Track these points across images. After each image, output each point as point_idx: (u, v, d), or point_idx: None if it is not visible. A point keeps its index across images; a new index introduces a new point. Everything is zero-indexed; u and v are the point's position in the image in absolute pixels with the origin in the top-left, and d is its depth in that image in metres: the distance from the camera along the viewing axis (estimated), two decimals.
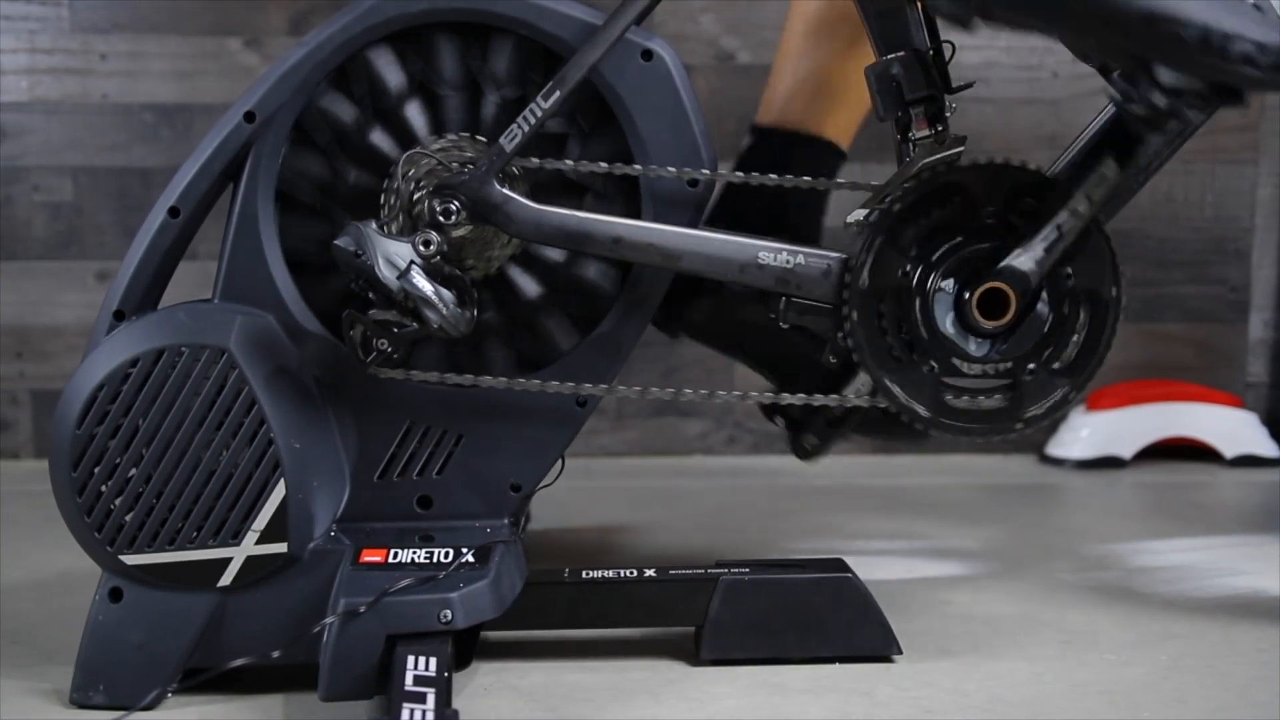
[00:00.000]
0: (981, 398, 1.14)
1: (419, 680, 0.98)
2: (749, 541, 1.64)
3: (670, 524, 1.74)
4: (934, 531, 1.70)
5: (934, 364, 1.13)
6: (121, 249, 2.09)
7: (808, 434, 1.33)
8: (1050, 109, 2.13)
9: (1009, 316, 1.12)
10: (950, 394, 1.14)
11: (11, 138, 2.08)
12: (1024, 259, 1.11)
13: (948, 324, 1.12)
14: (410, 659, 1.02)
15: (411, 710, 0.93)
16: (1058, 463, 2.08)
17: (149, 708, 1.11)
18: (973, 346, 1.13)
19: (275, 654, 1.08)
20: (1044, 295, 1.13)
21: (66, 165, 2.09)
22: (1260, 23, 1.00)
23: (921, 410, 1.14)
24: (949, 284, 1.13)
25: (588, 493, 1.86)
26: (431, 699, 0.95)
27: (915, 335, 1.14)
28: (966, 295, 1.12)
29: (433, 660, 1.02)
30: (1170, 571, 1.51)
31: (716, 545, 1.63)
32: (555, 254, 1.18)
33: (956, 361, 1.12)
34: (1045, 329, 1.13)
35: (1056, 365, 1.13)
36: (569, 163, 1.14)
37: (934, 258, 1.13)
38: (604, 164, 1.14)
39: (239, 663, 1.06)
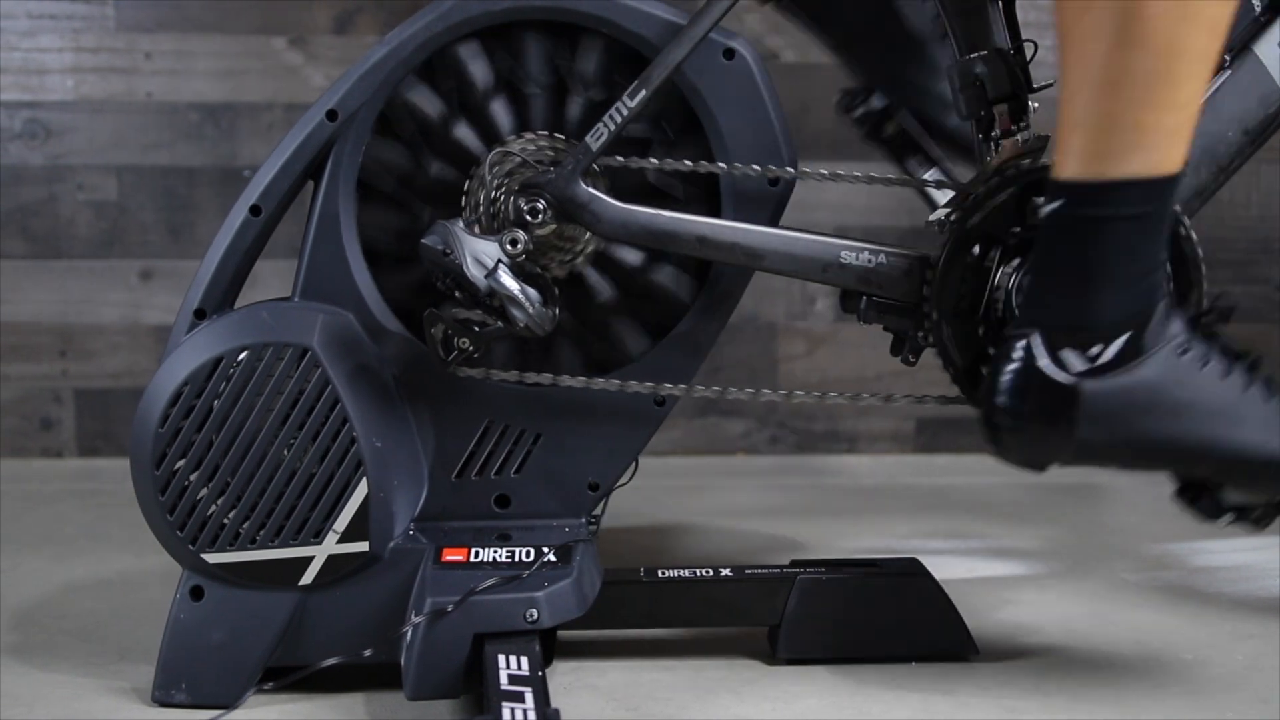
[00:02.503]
0: None
1: (514, 679, 0.98)
2: (804, 542, 1.64)
3: (722, 524, 1.74)
4: (988, 531, 1.70)
5: None
6: (165, 248, 2.11)
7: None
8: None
9: None
10: None
11: (56, 136, 2.08)
12: None
13: None
14: (501, 658, 1.02)
15: (512, 709, 0.93)
16: None
17: (230, 706, 1.10)
18: None
19: (367, 653, 1.08)
20: None
21: (111, 164, 2.09)
22: None
23: None
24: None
25: (632, 491, 1.85)
26: (530, 698, 0.95)
27: (997, 335, 1.13)
28: None
29: (524, 659, 1.02)
30: (1232, 571, 1.50)
31: (771, 545, 1.63)
32: (632, 257, 1.18)
33: None
34: None
35: None
36: (654, 162, 1.13)
37: (1016, 257, 1.12)
38: (688, 162, 1.13)
39: (331, 662, 1.06)
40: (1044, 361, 0.99)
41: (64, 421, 2.13)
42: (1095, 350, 0.99)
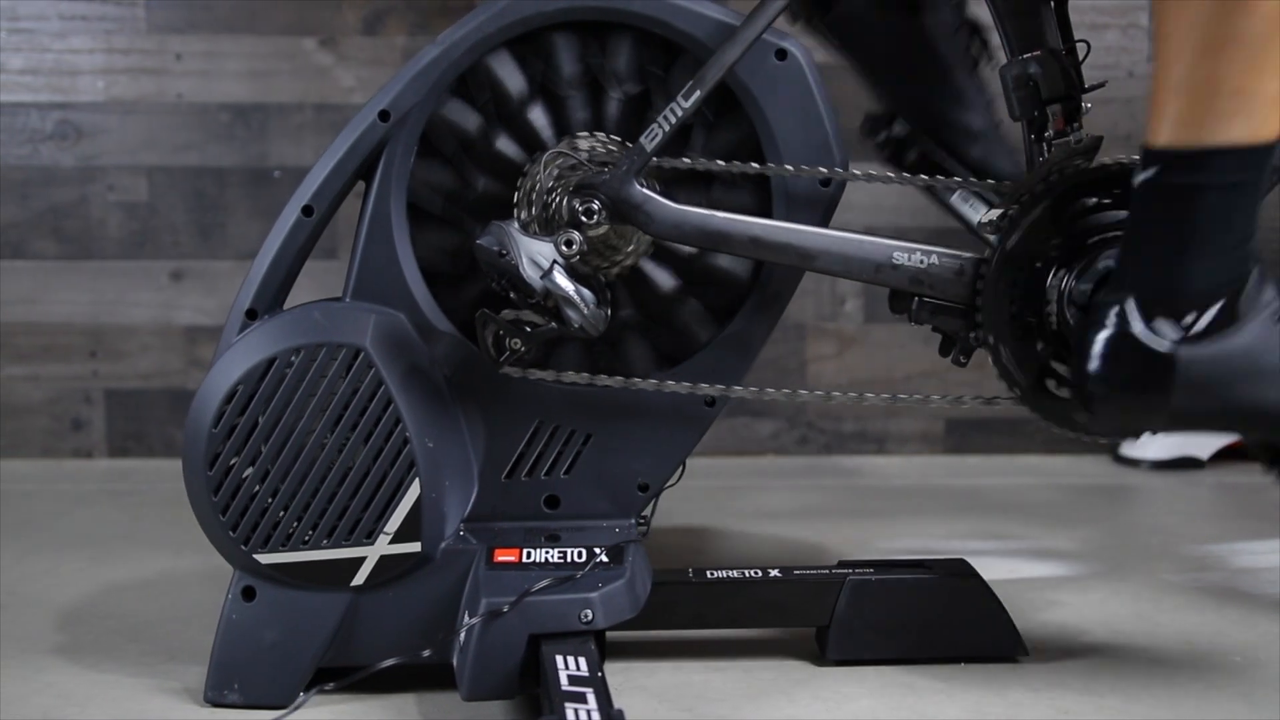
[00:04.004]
0: None
1: (574, 680, 0.98)
2: (840, 543, 1.64)
3: (757, 525, 1.74)
4: (1025, 532, 1.70)
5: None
6: (196, 248, 2.11)
7: None
8: (1125, 108, 2.13)
9: None
10: None
11: (87, 137, 2.08)
12: None
13: None
14: (559, 659, 1.02)
15: (575, 710, 0.93)
16: (1133, 463, 2.07)
17: (291, 707, 1.10)
18: None
19: (426, 653, 1.08)
20: None
21: (141, 165, 2.10)
22: None
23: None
24: (1085, 284, 1.12)
25: (665, 492, 1.85)
26: (592, 698, 0.95)
27: (1049, 337, 1.13)
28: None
29: (582, 660, 1.02)
30: (1274, 573, 1.50)
31: (808, 547, 1.63)
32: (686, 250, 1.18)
33: None
34: None
35: None
36: (718, 163, 1.13)
37: (1069, 257, 1.12)
38: (751, 164, 1.13)
39: (390, 662, 1.06)
40: (1139, 328, 0.98)
41: (94, 422, 2.13)
42: (1190, 318, 0.98)
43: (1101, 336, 1.00)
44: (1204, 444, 2.06)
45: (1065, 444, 1.99)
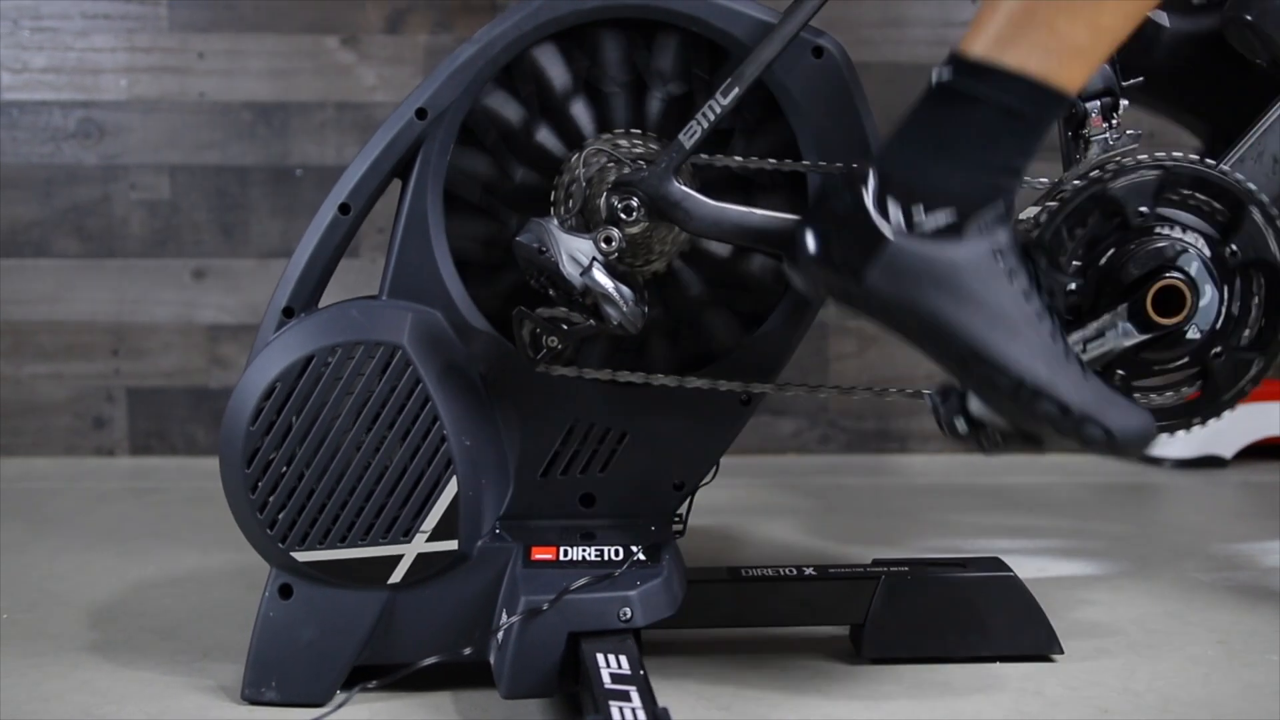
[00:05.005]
0: (1177, 390, 1.13)
1: (616, 678, 0.98)
2: (868, 541, 1.64)
3: (782, 523, 1.74)
4: (1052, 530, 1.70)
5: (1122, 372, 1.12)
6: (218, 247, 2.11)
7: None
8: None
9: (1182, 316, 1.11)
10: (1142, 395, 1.13)
11: (110, 136, 2.09)
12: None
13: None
14: (600, 657, 1.02)
15: (620, 708, 0.93)
16: (1157, 462, 2.07)
17: (335, 705, 1.11)
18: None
19: (466, 651, 1.08)
20: (1211, 279, 1.12)
21: (164, 163, 2.10)
22: (1079, 387, 1.01)
23: None
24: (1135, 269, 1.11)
25: None
26: (636, 696, 0.95)
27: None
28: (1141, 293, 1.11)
29: (623, 658, 1.02)
30: None
31: (836, 545, 1.63)
32: (720, 249, 1.18)
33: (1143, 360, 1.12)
34: (1222, 310, 1.12)
35: (1244, 341, 1.12)
36: (763, 161, 1.13)
37: (1109, 255, 1.12)
38: (789, 161, 1.13)
39: (431, 660, 1.06)
40: (870, 200, 1.00)
41: (116, 420, 2.13)
42: (917, 211, 0.99)
43: (835, 198, 1.01)
44: (1228, 443, 2.06)
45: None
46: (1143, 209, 1.10)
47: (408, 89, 2.10)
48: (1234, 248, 1.11)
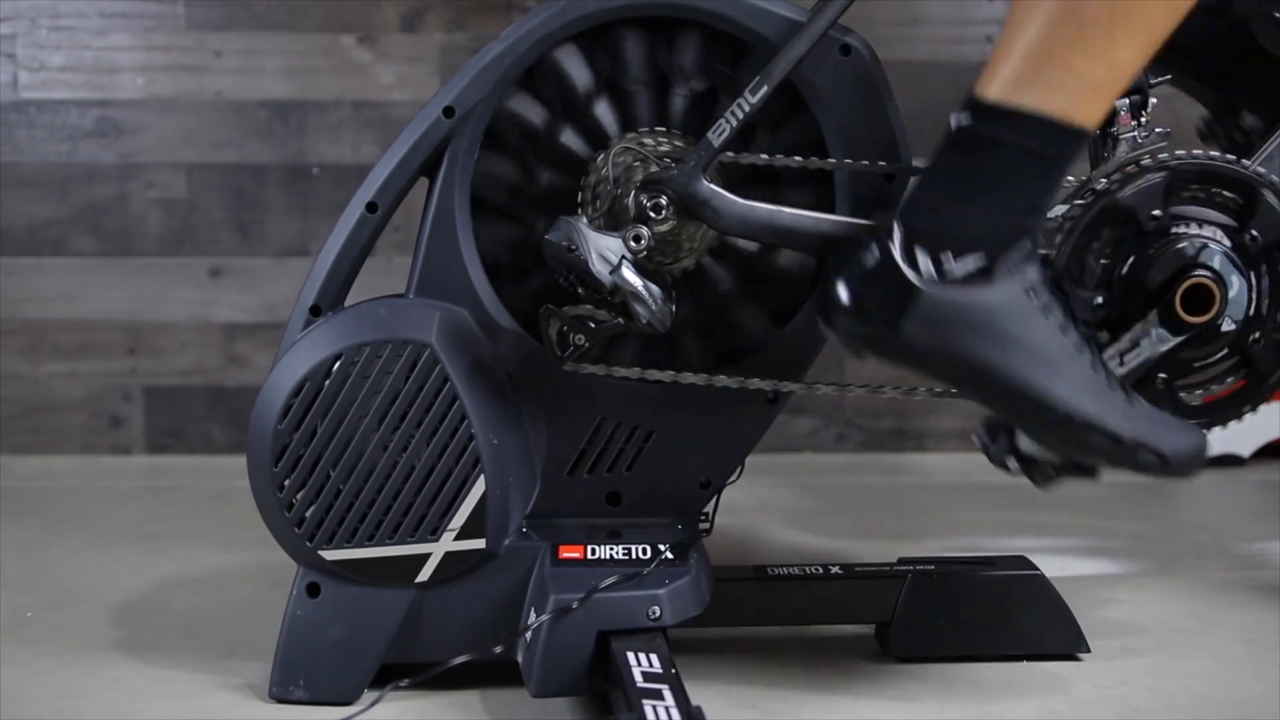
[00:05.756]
0: (1221, 382, 1.13)
1: (648, 677, 0.98)
2: (888, 540, 1.64)
3: (801, 522, 1.74)
4: (1072, 528, 1.69)
5: (1163, 375, 1.12)
6: (234, 246, 2.11)
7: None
8: (1164, 104, 2.12)
9: (1213, 312, 1.11)
10: (1185, 393, 1.13)
11: (127, 134, 2.09)
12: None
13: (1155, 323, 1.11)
14: (631, 655, 1.02)
15: (654, 707, 0.93)
16: None
17: (342, 702, 1.10)
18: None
19: (498, 649, 1.08)
20: (1237, 269, 1.11)
21: (180, 162, 2.10)
22: (1127, 415, 1.01)
23: None
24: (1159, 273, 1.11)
25: None
26: (669, 695, 0.95)
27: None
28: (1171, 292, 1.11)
29: (654, 656, 1.02)
30: None
31: (858, 544, 1.62)
32: (750, 244, 1.18)
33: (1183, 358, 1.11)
34: (1252, 297, 1.11)
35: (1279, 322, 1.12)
36: (789, 159, 1.13)
37: (1130, 264, 1.12)
38: (815, 159, 1.13)
39: (463, 659, 1.06)
40: (898, 251, 1.00)
41: (133, 419, 2.13)
42: (946, 259, 0.99)
43: (863, 251, 1.01)
44: (1245, 441, 2.05)
45: None
46: (1155, 212, 1.10)
47: (424, 87, 2.12)
48: (1253, 233, 1.11)
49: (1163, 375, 1.11)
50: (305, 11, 2.09)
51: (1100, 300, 1.10)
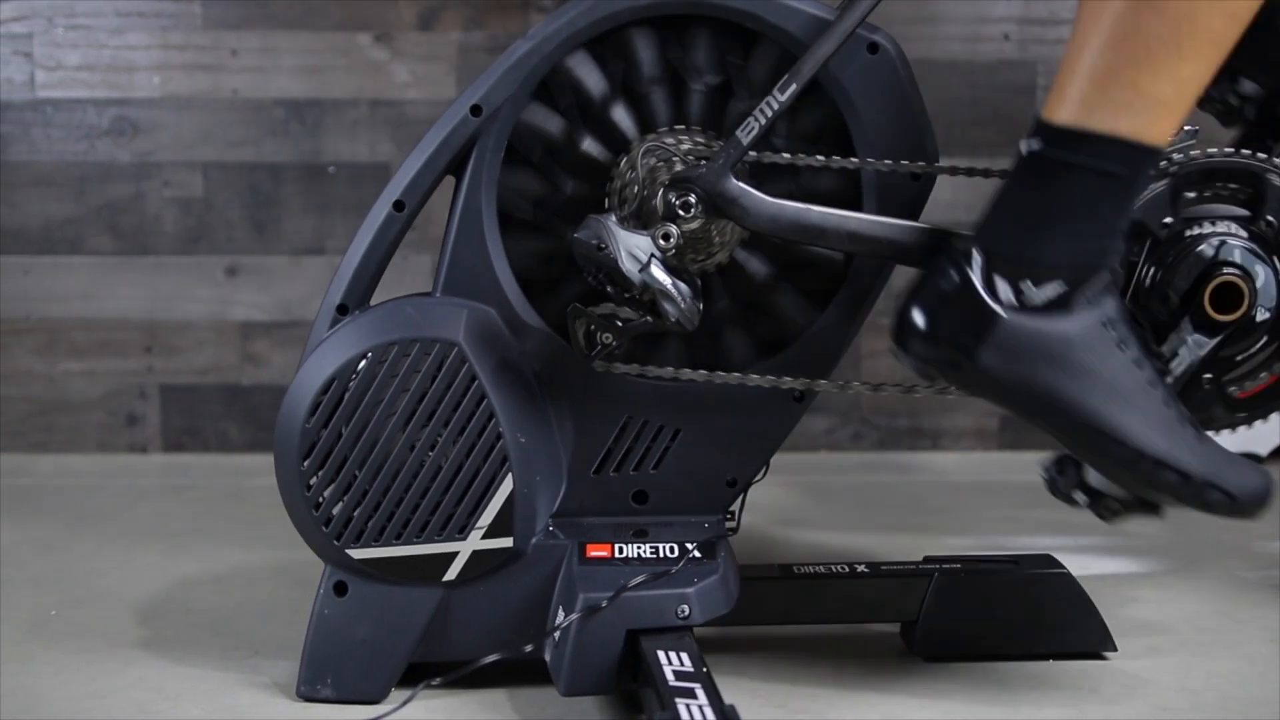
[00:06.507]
0: (1267, 370, 1.13)
1: (680, 675, 0.98)
2: (909, 539, 1.63)
3: (822, 520, 1.74)
4: (1092, 527, 1.66)
5: (1208, 375, 1.12)
6: (251, 244, 2.11)
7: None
8: None
9: (1245, 306, 1.11)
10: (1235, 387, 1.13)
11: (143, 133, 2.09)
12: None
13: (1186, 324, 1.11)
14: (661, 654, 1.02)
15: (688, 706, 0.93)
16: None
17: (369, 701, 1.10)
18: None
19: (528, 648, 1.08)
20: (1259, 259, 1.11)
21: (197, 161, 2.10)
22: (1196, 453, 1.01)
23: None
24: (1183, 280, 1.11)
25: None
26: (702, 694, 0.95)
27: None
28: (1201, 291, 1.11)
29: (684, 655, 1.02)
30: None
31: (879, 542, 1.62)
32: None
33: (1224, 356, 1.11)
34: None
35: None
36: (813, 158, 1.12)
37: (1152, 276, 1.12)
38: (837, 157, 1.13)
39: (493, 658, 1.06)
40: (977, 278, 0.99)
41: (149, 417, 2.13)
42: (1026, 287, 0.99)
43: (941, 275, 1.01)
44: (1263, 440, 2.05)
45: None
46: (1166, 220, 1.10)
47: (441, 86, 2.12)
48: (1268, 219, 1.11)
49: (1208, 375, 1.11)
50: (321, 10, 2.09)
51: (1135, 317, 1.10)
